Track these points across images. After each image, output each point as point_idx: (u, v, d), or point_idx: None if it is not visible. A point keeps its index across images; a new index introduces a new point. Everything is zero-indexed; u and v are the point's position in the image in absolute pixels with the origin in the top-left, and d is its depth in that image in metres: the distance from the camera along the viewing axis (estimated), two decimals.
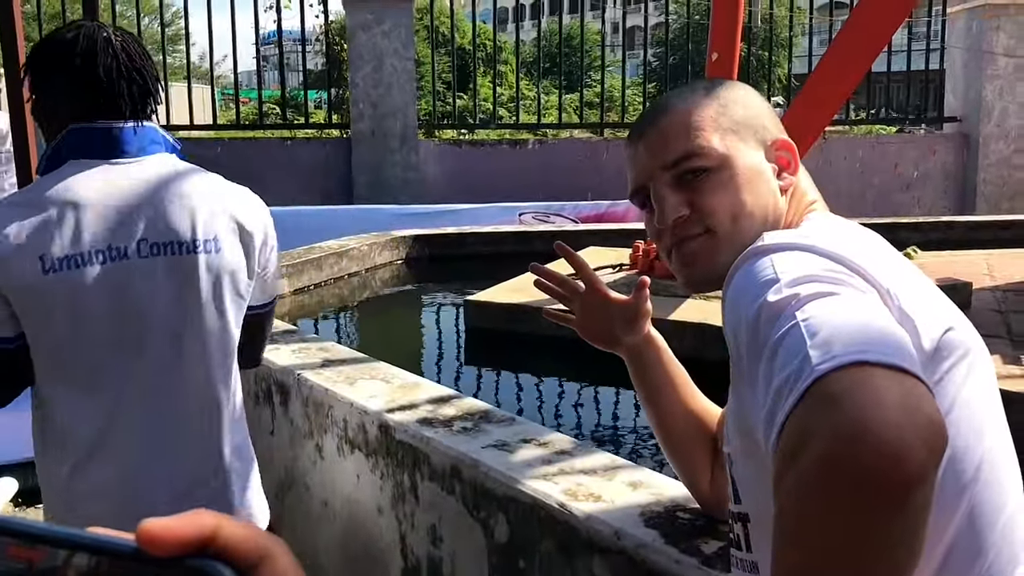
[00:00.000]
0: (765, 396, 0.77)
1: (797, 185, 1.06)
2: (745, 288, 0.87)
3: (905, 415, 0.67)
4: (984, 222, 5.52)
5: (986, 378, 0.91)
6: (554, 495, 1.55)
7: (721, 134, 1.04)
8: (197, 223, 1.50)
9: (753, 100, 1.10)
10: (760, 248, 0.90)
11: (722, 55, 3.46)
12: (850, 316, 0.77)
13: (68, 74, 1.48)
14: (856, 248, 0.90)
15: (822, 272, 0.83)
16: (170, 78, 7.87)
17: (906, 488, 0.66)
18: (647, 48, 8.50)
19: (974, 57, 7.57)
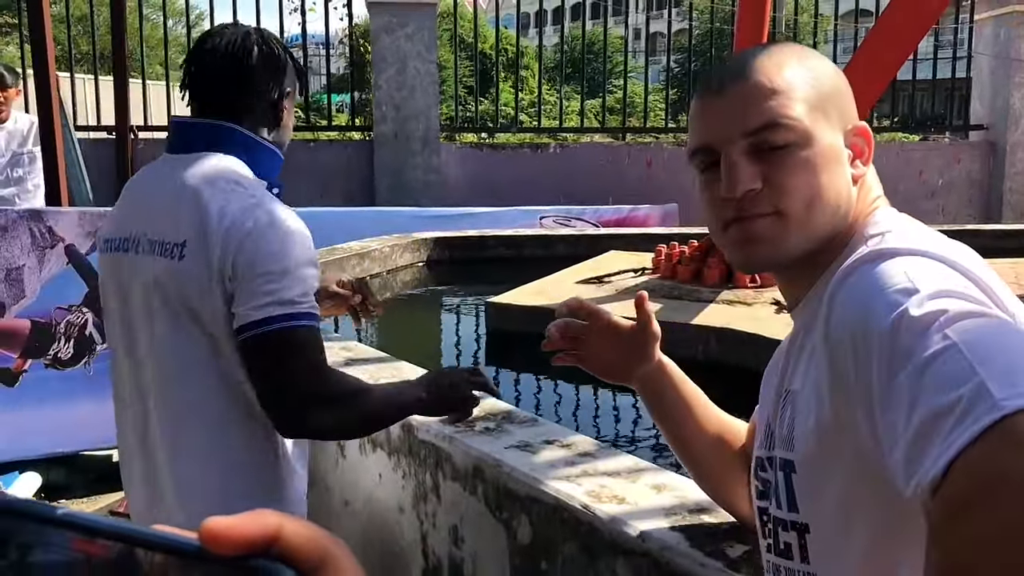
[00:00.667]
0: (907, 416, 0.70)
1: (865, 177, 0.98)
2: (872, 293, 0.79)
3: None
4: (1011, 231, 5.46)
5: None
6: (577, 496, 1.55)
7: (809, 108, 0.94)
8: (179, 225, 1.50)
9: (840, 79, 1.01)
10: (885, 251, 0.83)
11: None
12: (1016, 343, 0.70)
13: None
14: (971, 262, 0.83)
15: (961, 288, 0.76)
16: None
17: None
18: (670, 53, 8.49)
19: (1001, 64, 7.50)
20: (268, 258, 1.44)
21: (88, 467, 4.40)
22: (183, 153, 1.58)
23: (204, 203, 1.48)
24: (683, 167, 7.22)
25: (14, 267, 4.09)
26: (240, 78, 1.57)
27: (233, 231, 1.45)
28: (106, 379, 4.47)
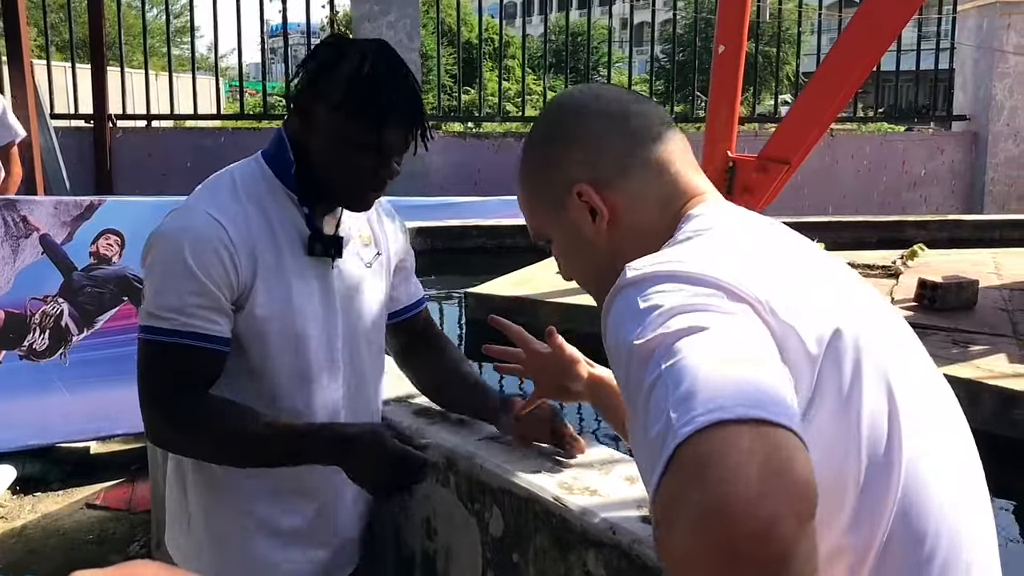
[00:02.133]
0: (645, 448, 0.75)
1: (623, 216, 1.03)
2: (615, 330, 0.85)
3: (769, 483, 0.65)
4: (992, 221, 5.48)
5: (894, 367, 0.87)
6: (549, 488, 1.53)
7: (536, 212, 1.12)
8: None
9: (549, 152, 1.09)
10: (623, 283, 0.87)
11: (729, 47, 3.43)
12: (713, 360, 0.73)
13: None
14: (729, 258, 0.87)
15: (688, 302, 0.80)
16: (176, 69, 7.85)
17: (780, 562, 0.63)
18: (654, 44, 8.46)
19: (984, 55, 7.52)
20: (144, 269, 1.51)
21: (64, 459, 4.35)
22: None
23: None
24: None
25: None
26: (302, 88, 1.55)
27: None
28: (81, 370, 4.43)
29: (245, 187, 1.53)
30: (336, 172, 1.50)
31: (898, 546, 0.82)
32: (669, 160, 1.06)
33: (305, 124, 1.52)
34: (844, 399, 0.82)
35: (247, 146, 6.80)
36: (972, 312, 3.21)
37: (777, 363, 0.77)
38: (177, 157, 6.78)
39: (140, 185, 6.36)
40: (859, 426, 0.82)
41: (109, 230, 4.23)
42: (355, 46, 1.51)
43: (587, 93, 1.13)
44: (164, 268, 1.44)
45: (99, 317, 4.25)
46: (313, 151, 1.51)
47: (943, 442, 0.89)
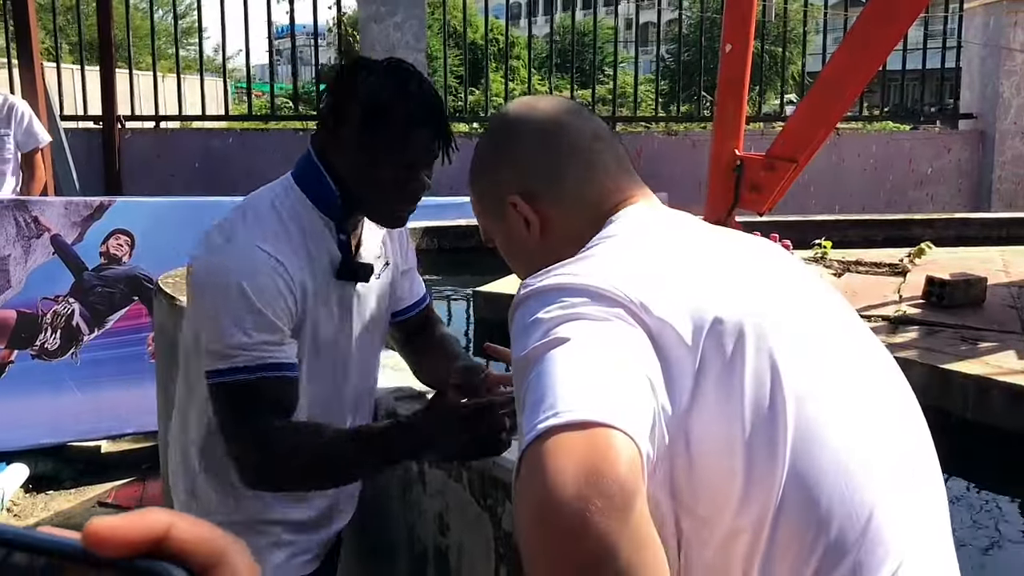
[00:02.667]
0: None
1: (554, 223, 1.09)
2: (512, 343, 0.92)
3: (584, 484, 0.71)
4: (999, 219, 5.48)
5: (784, 348, 0.90)
6: None
7: (481, 217, 1.20)
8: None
9: (487, 164, 1.17)
10: (516, 301, 0.95)
11: (736, 46, 3.43)
12: (564, 370, 0.81)
13: None
14: (612, 265, 0.94)
15: (564, 313, 0.86)
16: (184, 71, 7.88)
17: (594, 558, 0.71)
18: (659, 44, 8.47)
19: (991, 53, 7.50)
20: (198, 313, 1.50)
21: (75, 458, 4.38)
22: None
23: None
24: (674, 157, 7.21)
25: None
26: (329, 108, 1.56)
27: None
28: (92, 370, 4.46)
29: (288, 214, 1.51)
30: (367, 190, 1.51)
31: (791, 519, 0.85)
32: (597, 167, 1.11)
33: (333, 145, 1.52)
34: (726, 382, 0.87)
35: (254, 147, 6.83)
36: (980, 309, 3.22)
37: (634, 367, 0.83)
38: (185, 158, 6.81)
39: (149, 185, 6.39)
40: (741, 406, 0.86)
41: (119, 230, 4.26)
42: (375, 64, 1.52)
43: (522, 106, 1.18)
44: (226, 308, 1.41)
45: (110, 317, 4.27)
46: (343, 171, 1.52)
47: (846, 424, 0.90)
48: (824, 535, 0.85)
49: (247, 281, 1.41)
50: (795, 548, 0.85)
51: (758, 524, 0.85)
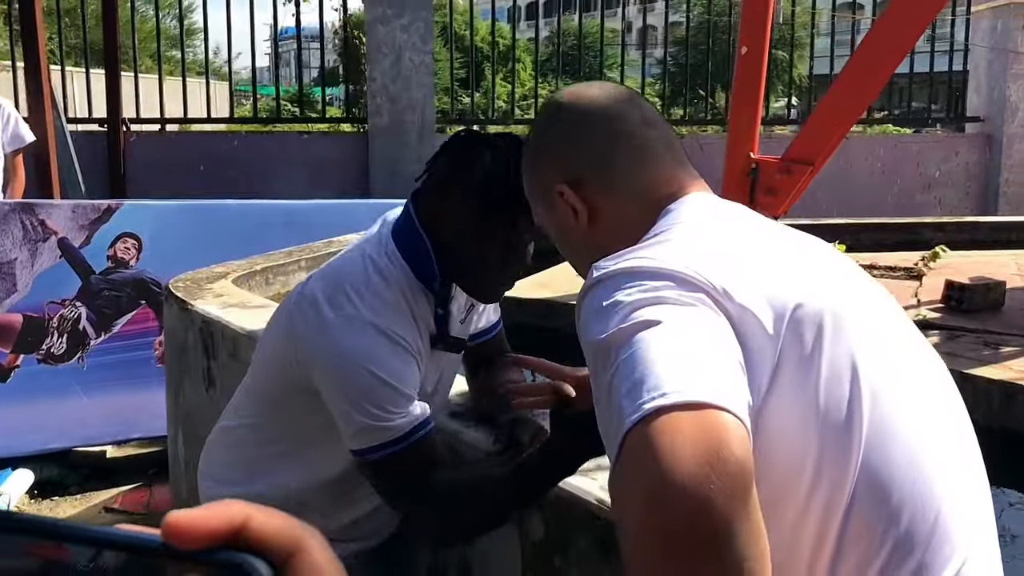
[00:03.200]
0: (609, 436, 0.80)
1: (605, 212, 1.07)
2: (584, 330, 0.90)
3: (702, 464, 0.70)
4: (1009, 223, 5.45)
5: (860, 340, 0.89)
6: (593, 491, 1.51)
7: (534, 203, 1.18)
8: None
9: (536, 153, 1.15)
10: (588, 283, 0.93)
11: (751, 49, 3.41)
12: (661, 351, 0.79)
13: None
14: (689, 250, 0.92)
15: (646, 296, 0.85)
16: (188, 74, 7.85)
17: (712, 540, 0.69)
18: (667, 46, 8.47)
19: (999, 57, 7.48)
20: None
21: (81, 463, 4.34)
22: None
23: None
24: None
25: (5, 261, 4.03)
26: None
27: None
28: (99, 374, 4.42)
29: (396, 285, 1.50)
30: (475, 263, 1.52)
31: (862, 512, 0.84)
32: (648, 156, 1.08)
33: (441, 213, 1.51)
34: (804, 371, 0.86)
35: (259, 149, 6.80)
36: (1000, 313, 3.19)
37: (726, 350, 0.82)
38: (190, 161, 6.78)
39: (154, 188, 6.36)
40: (817, 398, 0.85)
41: (127, 233, 4.23)
42: (488, 141, 1.51)
43: (571, 93, 1.17)
44: (363, 393, 1.41)
45: (117, 321, 4.24)
46: (450, 246, 1.51)
47: (916, 418, 0.90)
48: (894, 529, 0.84)
49: (378, 367, 1.41)
50: (864, 542, 0.84)
51: (827, 516, 0.84)
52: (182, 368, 2.96)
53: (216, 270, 3.36)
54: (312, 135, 7.25)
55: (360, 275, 1.49)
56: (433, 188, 1.51)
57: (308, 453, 1.61)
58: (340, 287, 1.47)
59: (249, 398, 1.69)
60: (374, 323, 1.43)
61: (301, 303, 1.49)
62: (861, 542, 0.84)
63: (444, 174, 1.51)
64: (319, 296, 1.47)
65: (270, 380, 1.61)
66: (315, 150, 7.02)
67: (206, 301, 2.89)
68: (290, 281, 3.72)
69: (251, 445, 1.68)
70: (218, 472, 1.74)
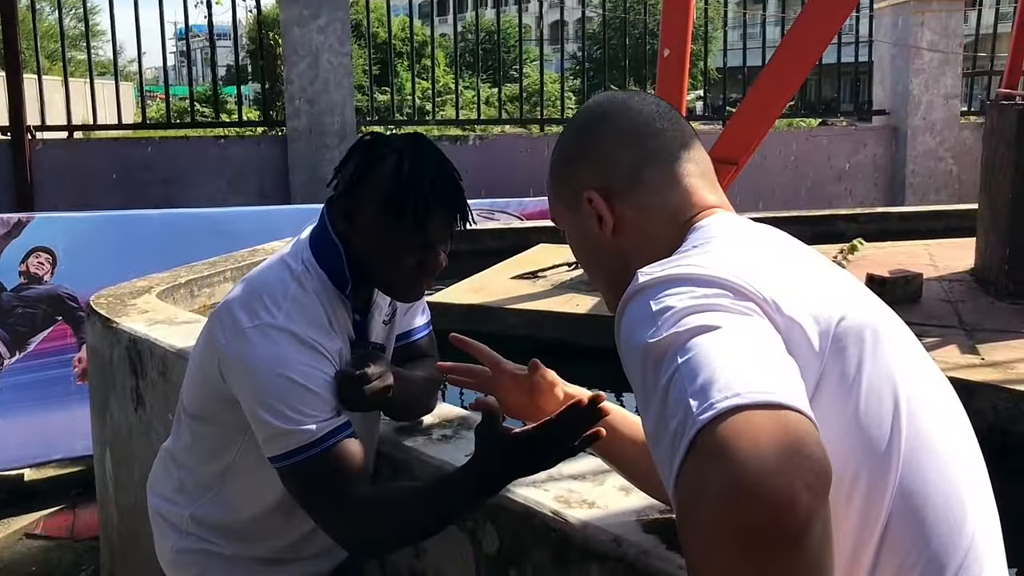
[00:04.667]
0: (665, 440, 0.79)
1: (628, 220, 1.08)
2: (629, 333, 0.89)
3: (785, 461, 0.70)
4: (918, 213, 5.67)
5: (896, 354, 0.92)
6: (546, 503, 1.51)
7: (554, 206, 1.19)
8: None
9: (569, 156, 1.15)
10: (635, 288, 0.92)
11: (673, 51, 3.46)
12: (727, 353, 0.79)
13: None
14: (736, 261, 0.92)
15: (698, 303, 0.85)
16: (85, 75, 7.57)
17: (796, 536, 0.69)
18: (585, 42, 8.53)
19: (900, 52, 7.77)
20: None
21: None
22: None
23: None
24: None
25: None
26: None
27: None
28: (14, 395, 4.25)
29: (314, 290, 1.50)
30: (387, 270, 1.53)
31: (897, 530, 0.86)
32: (681, 175, 1.10)
33: (350, 226, 1.51)
34: (845, 388, 0.87)
35: (174, 154, 6.59)
36: (918, 304, 3.31)
37: (785, 355, 0.82)
38: (102, 169, 6.55)
39: (64, 199, 6.13)
40: (857, 413, 0.87)
41: (39, 248, 4.07)
42: (391, 144, 1.52)
43: (613, 102, 1.17)
44: (280, 396, 1.41)
45: (32, 339, 4.08)
46: (362, 248, 1.52)
47: (945, 432, 0.92)
48: (928, 547, 0.86)
49: (291, 370, 1.41)
50: (899, 558, 0.86)
51: (863, 532, 0.86)
52: (108, 387, 2.86)
53: (138, 284, 3.26)
54: (229, 140, 7.09)
55: (277, 284, 1.49)
56: (342, 194, 1.52)
57: (247, 467, 1.59)
58: (258, 296, 1.47)
59: (184, 416, 1.67)
60: (289, 330, 1.43)
61: (221, 313, 1.49)
62: (895, 559, 0.86)
63: (350, 180, 1.51)
64: (236, 306, 1.47)
65: (200, 395, 1.59)
66: (232, 155, 6.86)
67: (131, 318, 2.80)
68: (215, 293, 3.63)
69: (193, 464, 1.67)
70: (168, 492, 1.72)
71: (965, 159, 7.60)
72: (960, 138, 7.77)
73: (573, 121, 1.19)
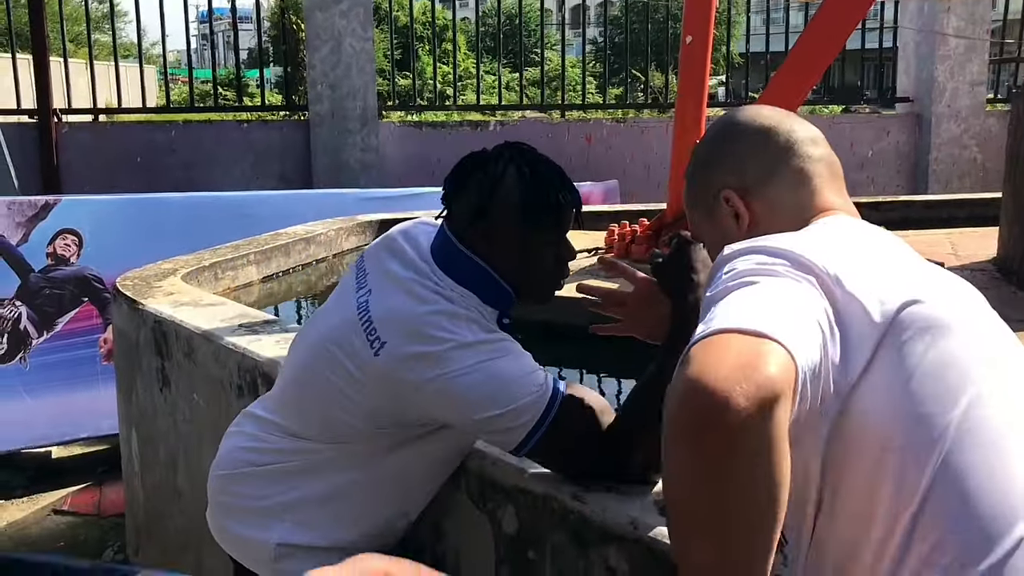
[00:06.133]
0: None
1: (753, 216, 1.18)
2: (706, 289, 1.02)
3: (735, 370, 0.80)
4: (940, 201, 5.62)
5: (966, 346, 0.95)
6: (566, 485, 1.54)
7: (692, 210, 1.29)
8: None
9: (708, 159, 1.24)
10: (718, 259, 1.04)
11: (696, 38, 3.45)
12: (747, 299, 0.90)
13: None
14: (811, 240, 1.02)
15: (754, 267, 0.96)
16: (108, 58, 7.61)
17: (729, 434, 0.79)
18: (607, 28, 8.50)
19: (926, 38, 7.69)
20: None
21: (26, 465, 4.25)
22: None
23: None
24: (623, 143, 7.24)
25: None
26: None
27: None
28: (43, 374, 4.32)
29: (474, 310, 1.55)
30: (531, 275, 1.60)
31: (937, 504, 0.89)
32: (809, 176, 1.18)
33: (485, 243, 1.56)
34: (902, 362, 0.92)
35: (198, 138, 6.62)
36: None
37: (810, 313, 0.90)
38: (126, 152, 6.62)
39: (89, 182, 6.20)
40: (909, 388, 0.91)
41: (66, 230, 4.13)
42: (501, 157, 1.59)
43: (748, 110, 1.27)
44: (501, 384, 1.45)
45: (59, 319, 4.15)
46: (505, 267, 1.57)
47: (1015, 427, 0.94)
48: (964, 533, 0.88)
49: (497, 353, 1.47)
50: (931, 540, 0.88)
51: (899, 504, 0.89)
52: (134, 368, 2.92)
53: (164, 266, 3.31)
54: (252, 124, 7.13)
55: (435, 312, 1.50)
56: (472, 217, 1.56)
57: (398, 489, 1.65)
58: (422, 332, 1.48)
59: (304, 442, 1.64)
60: (479, 339, 1.48)
61: (393, 367, 1.47)
62: (932, 534, 0.88)
63: (479, 203, 1.55)
64: (411, 348, 1.47)
65: (371, 422, 1.56)
66: (255, 139, 6.90)
67: (157, 300, 2.85)
68: (238, 276, 3.68)
69: (350, 500, 1.64)
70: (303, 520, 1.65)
71: (990, 147, 7.52)
72: (986, 126, 7.68)
73: (708, 131, 1.29)
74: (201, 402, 2.55)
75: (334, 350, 1.54)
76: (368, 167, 6.85)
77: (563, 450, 1.49)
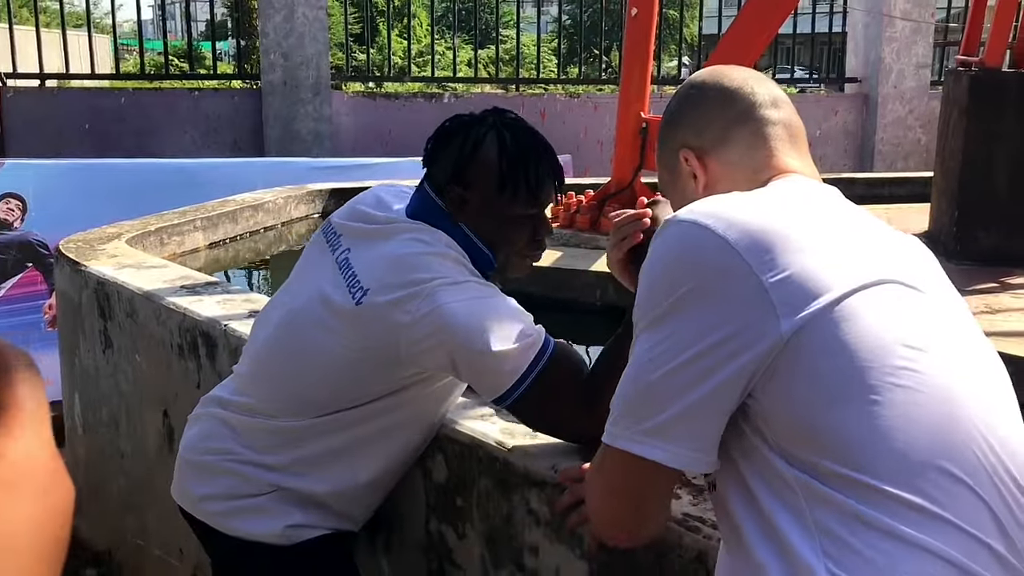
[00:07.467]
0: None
1: (705, 175, 1.19)
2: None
3: (630, 518, 1.08)
4: (882, 179, 5.77)
5: (912, 308, 0.99)
6: (492, 434, 1.60)
7: (661, 164, 1.29)
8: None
9: (670, 121, 1.25)
10: (668, 221, 1.06)
11: (641, 11, 3.51)
12: (656, 389, 1.00)
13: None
14: (756, 209, 1.02)
15: (677, 303, 0.99)
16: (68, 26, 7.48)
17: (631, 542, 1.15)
18: (560, 3, 8.53)
19: (874, 20, 7.83)
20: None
21: None
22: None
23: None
24: (576, 119, 7.30)
25: None
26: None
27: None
28: None
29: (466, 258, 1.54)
30: (504, 247, 1.57)
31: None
32: (766, 138, 1.17)
33: (464, 208, 1.54)
34: (852, 313, 0.94)
35: (148, 106, 6.55)
36: None
37: (715, 396, 0.97)
38: (74, 118, 6.52)
39: (35, 147, 6.10)
40: (852, 352, 0.93)
41: (9, 194, 4.09)
42: (485, 123, 1.55)
43: (712, 71, 1.27)
44: (498, 325, 1.42)
45: (2, 285, 4.11)
46: (480, 233, 1.55)
47: (958, 378, 0.97)
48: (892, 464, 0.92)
49: (489, 296, 1.46)
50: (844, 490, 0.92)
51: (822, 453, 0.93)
52: (76, 330, 2.92)
53: (108, 230, 3.30)
54: (203, 92, 7.06)
55: (423, 252, 1.48)
56: (451, 180, 1.54)
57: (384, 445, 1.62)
58: (411, 271, 1.45)
59: (312, 402, 1.58)
60: (467, 279, 1.46)
61: (385, 310, 1.45)
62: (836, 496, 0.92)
63: (457, 165, 1.53)
64: (401, 291, 1.44)
65: (346, 389, 1.54)
66: (206, 107, 6.84)
67: (100, 262, 2.85)
68: (185, 241, 3.68)
69: (332, 436, 1.60)
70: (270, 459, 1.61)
71: (933, 128, 7.63)
72: (930, 107, 7.85)
73: (675, 94, 1.29)
74: (143, 363, 2.56)
75: (318, 311, 1.51)
76: (321, 137, 6.83)
77: (546, 401, 1.46)
